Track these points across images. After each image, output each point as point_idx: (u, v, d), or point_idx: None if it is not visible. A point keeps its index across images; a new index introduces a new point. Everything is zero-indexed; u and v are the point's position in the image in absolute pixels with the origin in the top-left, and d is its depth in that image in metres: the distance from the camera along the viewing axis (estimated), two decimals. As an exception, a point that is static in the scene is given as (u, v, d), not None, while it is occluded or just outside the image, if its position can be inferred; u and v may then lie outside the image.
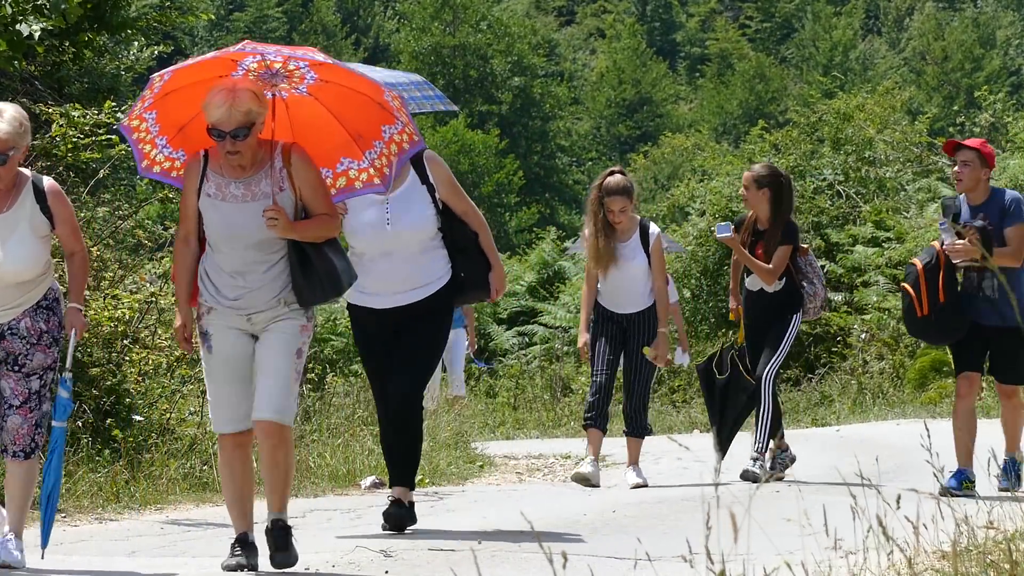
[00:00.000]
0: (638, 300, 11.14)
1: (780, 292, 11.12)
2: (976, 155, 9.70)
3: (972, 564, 5.45)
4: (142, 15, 16.42)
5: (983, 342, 9.79)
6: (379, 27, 79.27)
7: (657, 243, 11.16)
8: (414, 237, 8.18)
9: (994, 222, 9.69)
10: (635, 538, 7.19)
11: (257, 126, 6.70)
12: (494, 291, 8.38)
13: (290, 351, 6.83)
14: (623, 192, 11.04)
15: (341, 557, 7.21)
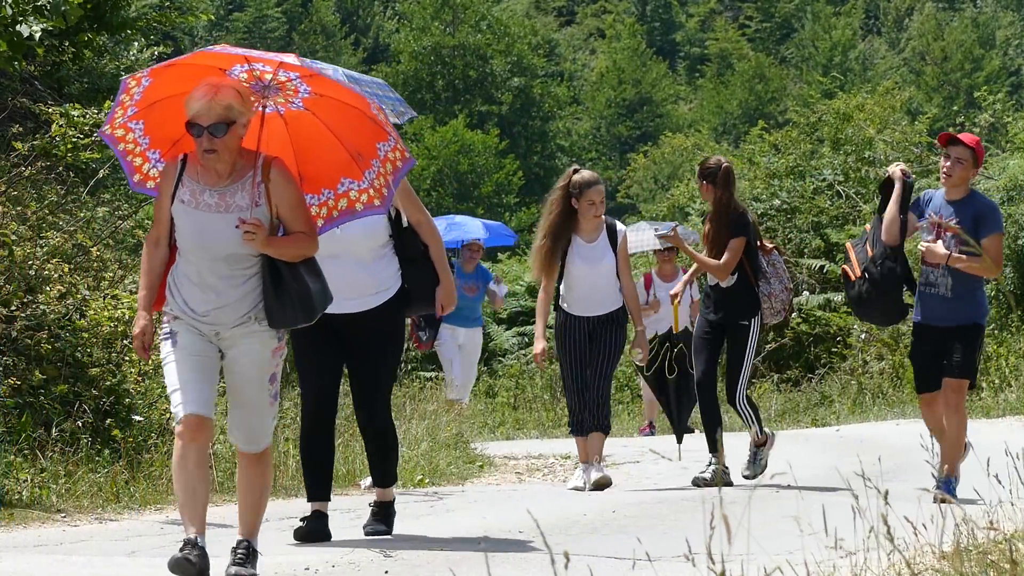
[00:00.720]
0: (606, 302, 10.81)
1: (738, 292, 10.81)
2: (971, 154, 9.58)
3: (972, 564, 5.45)
4: (142, 15, 16.44)
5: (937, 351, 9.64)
6: (379, 27, 79.27)
7: (624, 243, 10.82)
8: (364, 243, 7.89)
9: (964, 224, 9.53)
10: (635, 538, 7.19)
11: (238, 127, 6.40)
12: (439, 307, 8.11)
13: (263, 379, 6.60)
14: (600, 182, 10.83)
15: (341, 557, 7.21)
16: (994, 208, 9.68)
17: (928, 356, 9.69)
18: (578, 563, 5.53)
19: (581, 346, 10.78)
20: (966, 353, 9.60)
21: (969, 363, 9.65)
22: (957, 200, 9.60)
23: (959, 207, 9.57)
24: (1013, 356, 18.61)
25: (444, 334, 17.01)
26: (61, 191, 12.97)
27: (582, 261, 10.76)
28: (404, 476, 12.08)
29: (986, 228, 9.51)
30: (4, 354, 10.60)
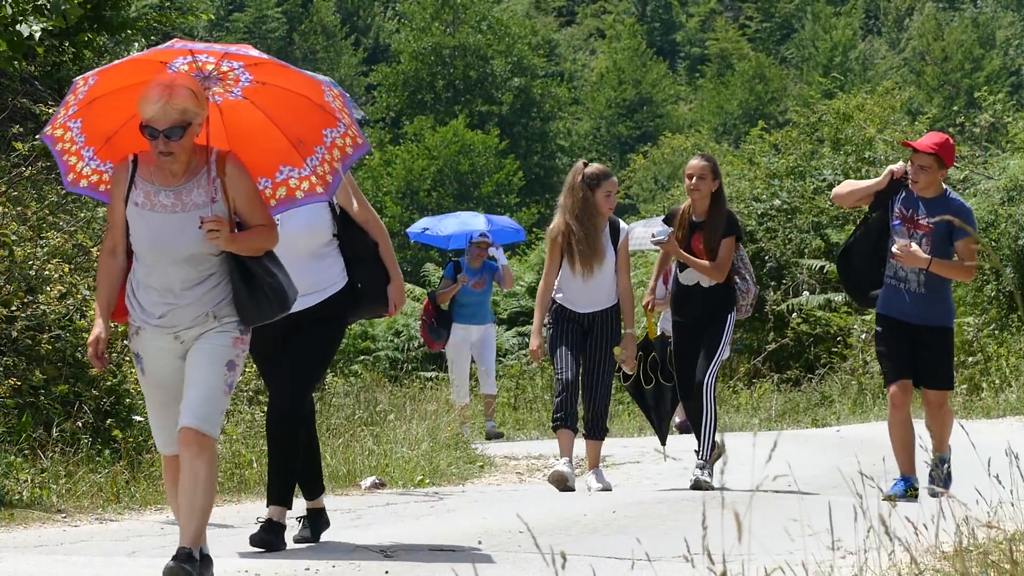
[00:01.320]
0: (603, 299, 10.73)
1: (715, 289, 10.72)
2: (934, 159, 9.50)
3: (973, 564, 5.45)
4: (142, 15, 16.43)
5: (910, 345, 9.59)
6: (379, 27, 79.26)
7: (625, 241, 10.76)
8: (305, 240, 7.60)
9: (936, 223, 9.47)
10: (635, 538, 7.20)
11: (193, 128, 6.27)
12: (392, 305, 7.85)
13: (219, 361, 6.36)
14: (612, 174, 10.84)
15: (342, 557, 7.21)
16: (969, 213, 9.62)
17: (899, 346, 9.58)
18: (578, 563, 5.54)
19: (575, 339, 10.68)
20: (945, 362, 9.67)
21: (950, 372, 9.74)
22: (930, 199, 9.55)
23: (932, 206, 9.50)
24: (1014, 356, 18.61)
25: (457, 334, 16.97)
26: (61, 191, 12.96)
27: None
28: (404, 476, 12.08)
29: (960, 231, 9.43)
30: (4, 354, 10.60)
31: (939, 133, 9.81)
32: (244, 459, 11.52)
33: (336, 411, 14.43)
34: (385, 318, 8.61)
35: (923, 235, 9.51)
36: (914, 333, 9.58)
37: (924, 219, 9.50)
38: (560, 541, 7.51)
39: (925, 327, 9.57)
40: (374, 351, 23.81)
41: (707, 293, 10.72)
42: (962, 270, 9.62)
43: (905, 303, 9.57)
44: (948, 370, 9.74)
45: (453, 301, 16.94)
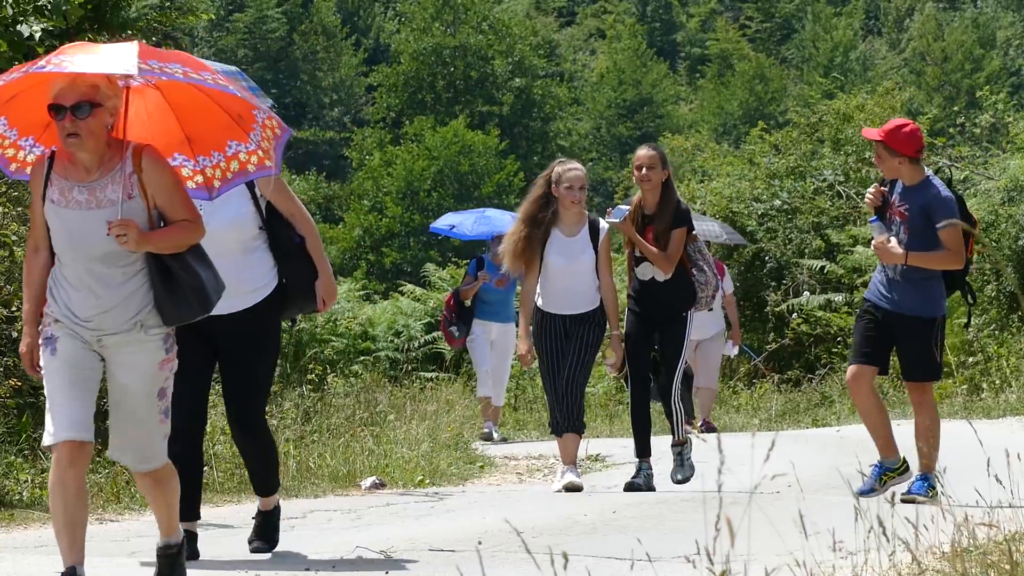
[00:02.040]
0: (584, 300, 10.48)
1: (672, 282, 10.49)
2: (882, 147, 9.32)
3: (973, 564, 5.45)
4: (142, 16, 16.43)
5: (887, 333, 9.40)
6: (379, 28, 79.26)
7: (606, 240, 10.51)
8: (232, 236, 7.28)
9: (912, 210, 9.29)
10: (635, 539, 7.19)
11: (104, 112, 5.95)
12: (320, 301, 7.50)
13: (151, 394, 6.08)
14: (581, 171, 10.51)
15: (341, 557, 7.21)
16: (945, 199, 9.30)
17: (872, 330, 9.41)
18: (578, 563, 5.53)
19: (558, 344, 10.46)
20: (925, 352, 9.39)
21: (931, 363, 9.43)
22: (911, 186, 9.37)
23: (911, 193, 9.35)
24: (1014, 357, 18.61)
25: (476, 330, 16.88)
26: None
27: (559, 255, 10.45)
28: (405, 476, 12.08)
29: (941, 220, 9.23)
30: (5, 354, 10.60)
31: (899, 119, 9.58)
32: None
33: (336, 411, 14.43)
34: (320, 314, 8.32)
35: (901, 223, 9.35)
36: (890, 321, 9.39)
37: (902, 207, 9.36)
38: (560, 541, 7.51)
39: (899, 315, 9.37)
40: (374, 351, 23.79)
41: (665, 288, 10.51)
42: (943, 259, 9.31)
43: (884, 289, 9.44)
44: (930, 360, 9.42)
45: (476, 297, 16.81)
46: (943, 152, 24.37)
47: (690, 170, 33.55)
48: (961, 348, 19.32)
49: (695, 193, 25.53)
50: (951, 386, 18.81)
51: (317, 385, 16.30)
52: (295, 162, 65.89)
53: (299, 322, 12.39)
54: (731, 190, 23.86)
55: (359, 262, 54.86)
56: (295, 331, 20.15)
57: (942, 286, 9.53)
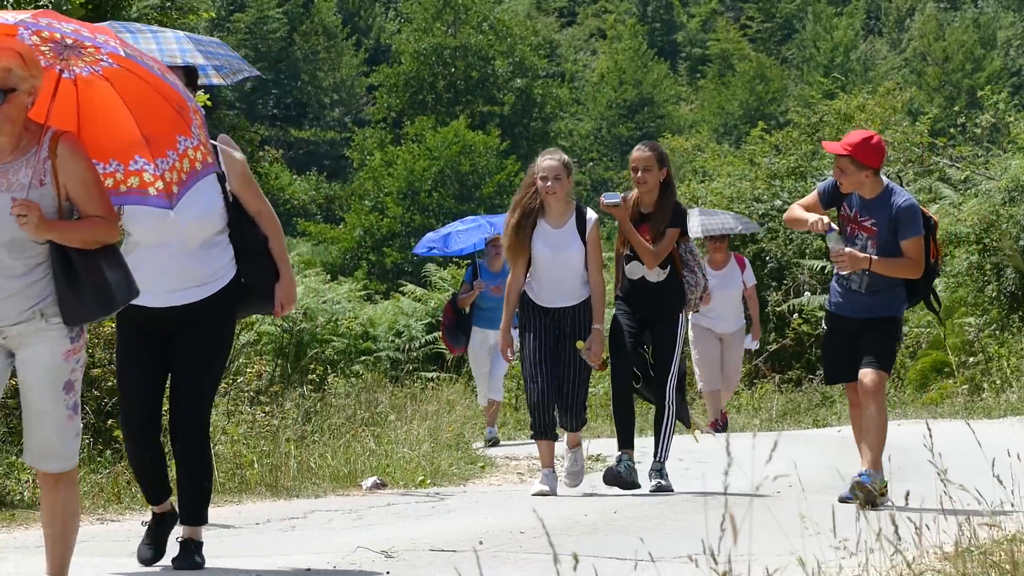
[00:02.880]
0: (573, 292, 10.17)
1: (662, 283, 10.28)
2: (849, 161, 9.11)
3: (974, 565, 5.45)
4: (143, 15, 16.44)
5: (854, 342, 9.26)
6: (380, 28, 79.28)
7: (595, 230, 10.17)
8: (198, 229, 7.00)
9: (880, 223, 9.16)
10: (636, 539, 7.19)
11: (19, 95, 5.75)
12: (278, 304, 7.19)
13: (56, 387, 5.85)
14: (557, 159, 10.14)
15: (342, 558, 7.21)
16: (911, 209, 9.19)
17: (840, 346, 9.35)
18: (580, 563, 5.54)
19: (545, 337, 10.14)
20: (884, 343, 9.27)
21: (888, 354, 9.32)
22: (872, 198, 9.20)
23: (874, 206, 9.19)
24: (1014, 357, 18.61)
25: (474, 338, 16.56)
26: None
27: (545, 247, 10.17)
28: (406, 477, 12.08)
29: (906, 230, 9.13)
30: (5, 355, 10.59)
31: (862, 131, 9.40)
32: (245, 460, 11.53)
33: (337, 411, 14.43)
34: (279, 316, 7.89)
35: (868, 237, 9.21)
36: (858, 327, 9.28)
37: (867, 221, 9.19)
38: (561, 542, 7.51)
39: (868, 320, 9.27)
40: (375, 351, 23.81)
41: (655, 289, 10.30)
42: (907, 268, 9.21)
43: (849, 301, 9.34)
44: (888, 352, 9.32)
45: (473, 305, 16.56)
46: (944, 152, 24.38)
47: (691, 170, 33.57)
48: (962, 348, 19.33)
49: (696, 193, 25.54)
50: (952, 386, 18.82)
51: (318, 385, 16.30)
52: (296, 162, 65.94)
53: None
54: (732, 190, 23.86)
55: (360, 262, 54.86)
56: (296, 331, 20.17)
57: (904, 292, 9.41)
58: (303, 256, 35.85)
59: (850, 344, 9.30)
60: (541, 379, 10.13)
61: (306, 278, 25.59)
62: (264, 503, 10.48)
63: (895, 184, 9.37)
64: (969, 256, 19.69)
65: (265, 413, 12.95)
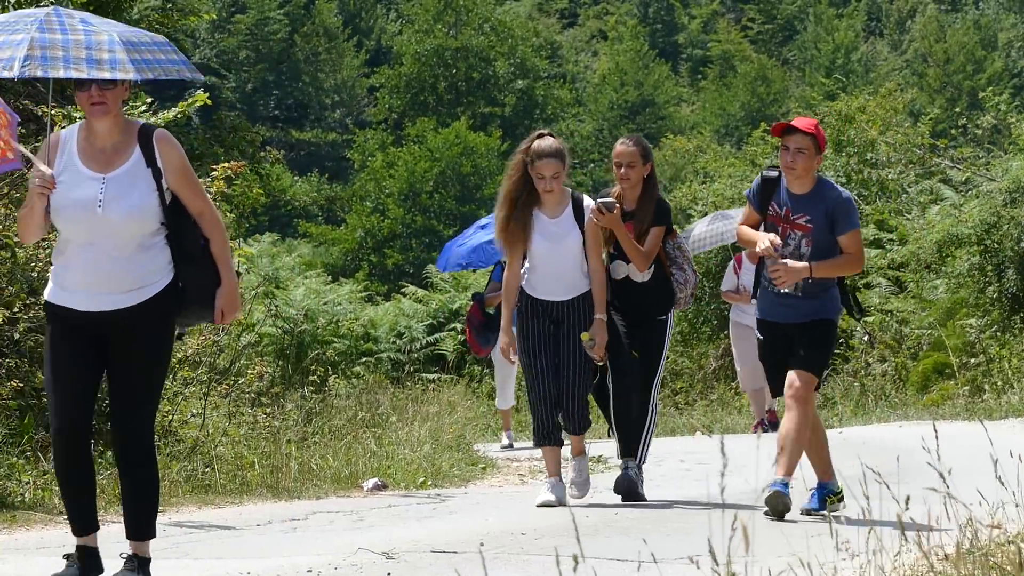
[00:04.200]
0: (572, 285, 9.66)
1: (649, 283, 9.83)
2: (812, 140, 8.62)
3: (976, 566, 5.45)
4: (144, 17, 16.44)
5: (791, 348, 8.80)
6: (381, 29, 79.29)
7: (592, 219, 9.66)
8: (130, 228, 6.52)
9: (815, 220, 8.69)
10: (638, 540, 7.19)
11: None
12: (218, 312, 6.70)
13: None
14: (555, 155, 9.57)
15: (343, 559, 7.20)
16: (848, 202, 8.75)
17: (779, 356, 8.88)
18: (582, 565, 5.53)
19: (544, 334, 9.67)
20: (817, 346, 8.79)
21: (820, 357, 8.83)
22: (805, 194, 8.74)
23: (808, 202, 8.72)
24: (1015, 358, 18.59)
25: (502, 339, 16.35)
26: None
27: (543, 238, 9.66)
28: (407, 478, 12.08)
29: (844, 225, 8.67)
30: (7, 356, 10.60)
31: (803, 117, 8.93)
32: (246, 461, 11.53)
33: (338, 413, 14.43)
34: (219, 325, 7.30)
35: (802, 236, 8.75)
36: (793, 332, 8.83)
37: (801, 218, 8.72)
38: (563, 543, 7.50)
39: (802, 324, 8.81)
40: (376, 353, 23.81)
41: (641, 289, 9.87)
42: (848, 264, 8.80)
43: (783, 308, 8.86)
44: (820, 355, 8.83)
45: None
46: (945, 153, 24.36)
47: (692, 171, 33.57)
48: (963, 349, 19.31)
49: (697, 194, 25.56)
50: (953, 387, 18.80)
51: (319, 386, 16.30)
52: (297, 163, 65.93)
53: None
54: (733, 191, 23.85)
55: (361, 263, 54.88)
56: (297, 333, 20.16)
57: (839, 293, 9.03)
58: (304, 257, 35.84)
59: (788, 351, 8.83)
60: (541, 379, 9.66)
61: (307, 279, 25.61)
62: (265, 504, 10.48)
63: (825, 178, 8.94)
64: (970, 257, 19.68)
65: (266, 414, 12.95)
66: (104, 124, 6.51)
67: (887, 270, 21.99)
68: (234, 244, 13.07)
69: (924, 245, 20.57)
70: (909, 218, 22.75)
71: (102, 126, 6.52)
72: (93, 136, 6.54)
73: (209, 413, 12.01)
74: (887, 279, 22.00)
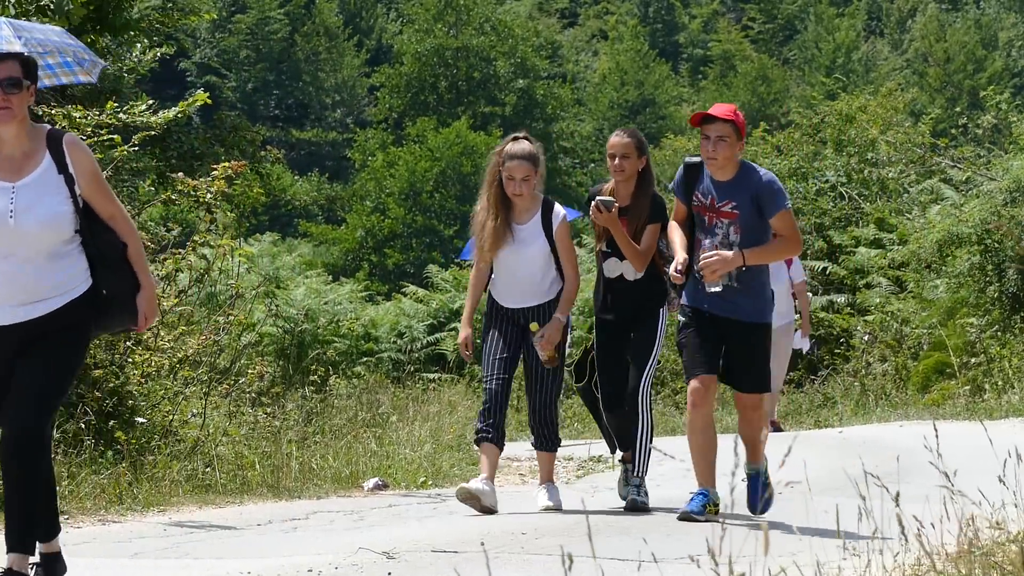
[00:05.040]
0: (537, 292, 9.37)
1: (642, 281, 9.46)
2: (732, 127, 8.35)
3: (977, 566, 5.44)
4: (144, 16, 16.44)
5: (718, 339, 8.48)
6: (381, 29, 79.30)
7: (563, 227, 9.39)
8: (43, 236, 6.32)
9: (742, 206, 8.38)
10: (639, 539, 7.19)
11: None
12: (142, 316, 6.52)
13: None
14: (528, 158, 9.29)
15: (344, 558, 7.20)
16: (772, 183, 8.40)
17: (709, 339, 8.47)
18: (582, 564, 5.52)
19: (508, 339, 9.37)
20: (759, 361, 8.55)
21: (765, 373, 8.61)
22: (728, 181, 8.45)
23: (733, 188, 8.43)
24: (1016, 358, 18.59)
25: None
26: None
27: (507, 245, 9.37)
28: (407, 478, 12.08)
29: (772, 207, 8.34)
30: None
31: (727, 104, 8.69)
32: (247, 461, 11.53)
33: (339, 412, 14.43)
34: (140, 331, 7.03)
35: (729, 223, 8.42)
36: (723, 328, 8.47)
37: (727, 205, 8.41)
38: (563, 543, 7.49)
39: (736, 322, 8.47)
40: (377, 352, 23.82)
41: (633, 287, 9.48)
42: (784, 247, 8.52)
43: (717, 296, 8.44)
44: (762, 370, 8.59)
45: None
46: (945, 153, 24.37)
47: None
48: (964, 349, 19.31)
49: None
50: (953, 387, 18.81)
51: (319, 386, 16.31)
52: (298, 163, 65.95)
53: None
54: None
55: (362, 263, 54.90)
56: (297, 332, 20.17)
57: (772, 293, 8.75)
58: (304, 257, 35.85)
59: (712, 339, 8.47)
60: (497, 379, 9.31)
61: (308, 279, 25.62)
62: (266, 504, 10.48)
63: (748, 162, 8.63)
64: (971, 257, 19.68)
65: (267, 414, 12.96)
66: (10, 130, 6.32)
67: (887, 270, 22.00)
68: (234, 244, 13.08)
69: (925, 245, 20.58)
70: (910, 218, 22.76)
71: (8, 132, 6.32)
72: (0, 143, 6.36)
73: (210, 413, 12.01)
74: (888, 279, 22.01)
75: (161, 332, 11.96)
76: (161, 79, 50.58)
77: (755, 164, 8.65)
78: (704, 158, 8.48)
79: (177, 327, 12.32)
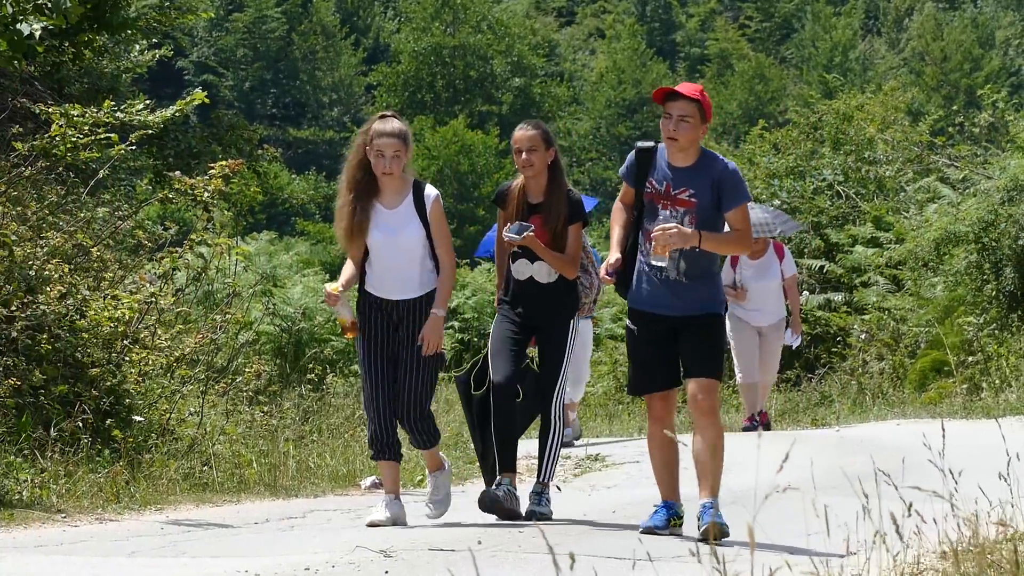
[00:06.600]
0: (412, 283, 8.65)
1: (556, 286, 8.98)
2: (697, 107, 7.89)
3: (975, 564, 5.45)
4: (142, 15, 16.44)
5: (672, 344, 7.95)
6: (379, 27, 79.29)
7: (436, 206, 8.72)
8: None
9: (700, 194, 7.86)
10: (635, 538, 7.19)
11: None
12: None
13: None
14: (397, 135, 8.71)
15: (341, 557, 7.19)
16: (736, 174, 7.93)
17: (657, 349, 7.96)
18: (579, 563, 5.53)
19: (381, 336, 8.67)
20: (711, 346, 7.94)
21: (717, 359, 7.97)
22: (688, 166, 7.95)
23: (692, 175, 7.92)
24: (1013, 356, 18.60)
25: None
26: (61, 191, 12.97)
27: (378, 231, 8.67)
28: (405, 477, 12.08)
29: (731, 200, 7.86)
30: (4, 354, 10.59)
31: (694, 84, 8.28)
32: (244, 459, 11.52)
33: (336, 411, 14.42)
34: None
35: (685, 212, 7.87)
36: (675, 325, 7.95)
37: (684, 193, 7.89)
38: (560, 541, 7.50)
39: (684, 318, 7.94)
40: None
41: (545, 292, 9.03)
42: (738, 242, 8.04)
43: (663, 295, 7.94)
44: (717, 356, 7.97)
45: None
46: (942, 151, 24.37)
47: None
48: (961, 348, 19.32)
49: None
50: (951, 386, 18.81)
51: (317, 385, 16.29)
52: (295, 162, 65.93)
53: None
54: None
55: (359, 262, 54.88)
56: (295, 331, 20.16)
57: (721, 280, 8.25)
58: (302, 255, 35.83)
59: (667, 347, 7.97)
60: (379, 386, 8.67)
61: (305, 277, 25.60)
62: (263, 502, 10.47)
63: (710, 150, 8.12)
64: (968, 255, 19.68)
65: (264, 413, 12.96)
66: None
67: (885, 268, 22.00)
68: (232, 242, 13.08)
69: (922, 243, 20.57)
70: (907, 216, 22.75)
71: None
72: None
73: (207, 411, 12.01)
74: (885, 277, 22.01)
75: (158, 331, 11.97)
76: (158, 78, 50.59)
77: (718, 154, 8.11)
78: (664, 138, 8.03)
79: (174, 326, 12.32)
